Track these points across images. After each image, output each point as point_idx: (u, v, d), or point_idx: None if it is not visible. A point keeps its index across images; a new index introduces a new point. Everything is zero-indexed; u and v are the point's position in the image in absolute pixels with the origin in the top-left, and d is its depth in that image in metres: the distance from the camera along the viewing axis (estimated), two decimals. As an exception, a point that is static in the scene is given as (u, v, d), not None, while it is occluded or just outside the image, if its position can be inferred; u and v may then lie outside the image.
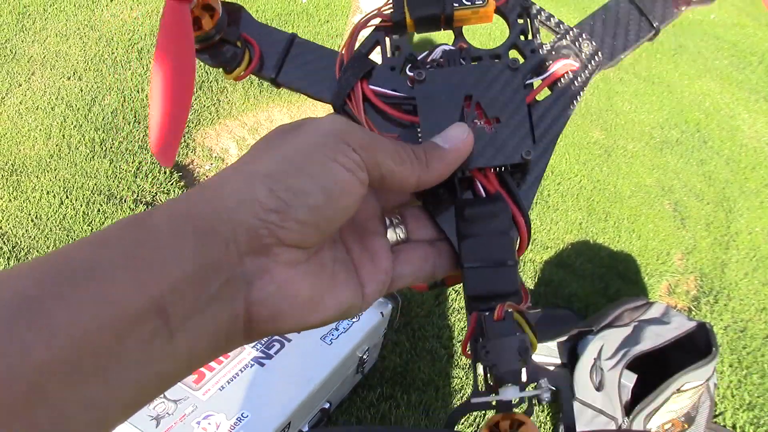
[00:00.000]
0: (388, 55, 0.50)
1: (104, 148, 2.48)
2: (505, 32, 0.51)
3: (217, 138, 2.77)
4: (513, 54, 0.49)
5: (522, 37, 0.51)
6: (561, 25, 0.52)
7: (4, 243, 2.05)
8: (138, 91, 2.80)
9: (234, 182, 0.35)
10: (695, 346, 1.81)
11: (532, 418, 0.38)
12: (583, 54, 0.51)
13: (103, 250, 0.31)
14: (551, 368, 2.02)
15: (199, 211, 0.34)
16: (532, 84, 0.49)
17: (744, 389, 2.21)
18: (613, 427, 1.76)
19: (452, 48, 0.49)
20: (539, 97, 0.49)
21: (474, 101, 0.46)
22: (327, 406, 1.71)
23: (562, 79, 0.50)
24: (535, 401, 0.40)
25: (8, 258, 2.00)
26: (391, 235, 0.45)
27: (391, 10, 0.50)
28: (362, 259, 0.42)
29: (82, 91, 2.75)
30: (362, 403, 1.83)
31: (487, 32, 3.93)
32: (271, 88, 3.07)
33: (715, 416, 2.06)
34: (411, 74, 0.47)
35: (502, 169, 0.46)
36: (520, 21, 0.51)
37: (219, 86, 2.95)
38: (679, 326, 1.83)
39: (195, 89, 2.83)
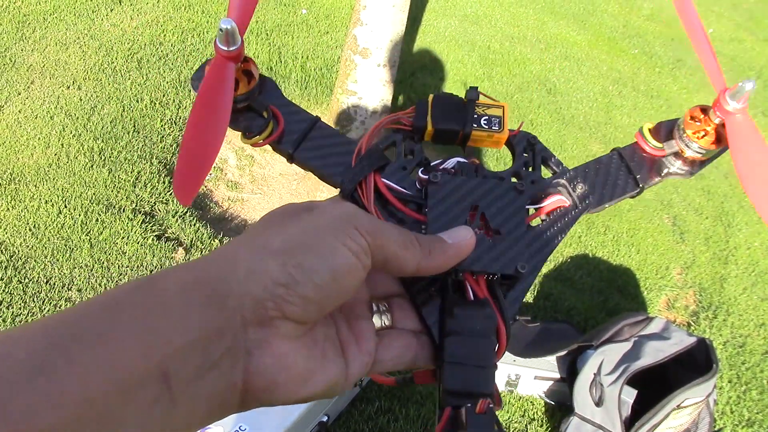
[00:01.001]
0: (402, 157, 0.54)
1: (103, 158, 2.48)
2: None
3: (217, 148, 2.76)
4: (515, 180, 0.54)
5: (525, 168, 0.56)
6: (560, 166, 0.57)
7: (2, 252, 2.04)
8: (137, 101, 2.79)
9: (245, 254, 0.37)
10: (695, 362, 1.80)
11: None
12: (575, 194, 0.56)
13: (113, 313, 0.32)
14: (550, 382, 2.01)
15: (209, 278, 0.35)
16: (528, 210, 0.53)
17: (743, 405, 2.20)
18: (613, 442, 1.76)
19: (467, 161, 0.54)
20: (533, 223, 0.53)
21: (480, 211, 0.50)
22: (325, 419, 1.69)
23: (554, 212, 0.54)
24: None
25: (5, 267, 1.99)
26: (377, 321, 0.47)
27: (414, 116, 0.55)
28: (348, 339, 0.44)
29: (81, 100, 2.74)
30: (360, 417, 1.82)
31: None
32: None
33: (715, 432, 2.05)
34: (424, 177, 0.51)
35: (492, 277, 0.48)
36: (525, 155, 0.56)
37: (219, 96, 2.94)
38: (679, 342, 1.82)
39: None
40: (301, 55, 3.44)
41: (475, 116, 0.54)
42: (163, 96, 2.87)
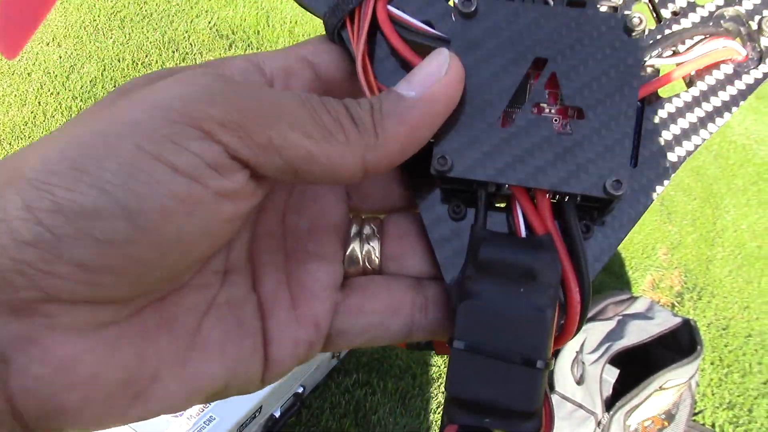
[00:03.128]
0: None
1: (81, 117, 2.41)
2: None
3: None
4: (642, 9, 0.31)
5: None
6: None
7: (-28, 211, 1.98)
8: (119, 60, 2.72)
9: None
10: (678, 343, 1.78)
11: None
12: (763, 38, 0.30)
13: None
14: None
15: None
16: (656, 67, 0.31)
17: (724, 388, 2.19)
18: (592, 422, 1.73)
19: None
20: (663, 92, 0.31)
21: (547, 71, 0.28)
22: (300, 390, 1.66)
23: (712, 71, 0.31)
24: None
25: (-25, 226, 1.93)
26: (356, 254, 0.29)
27: None
28: (278, 300, 0.28)
29: (60, 57, 2.67)
30: (337, 389, 1.78)
31: None
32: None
33: (695, 414, 2.04)
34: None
35: (566, 198, 0.29)
36: None
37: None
38: (663, 322, 1.79)
39: (202, 59, 2.76)
40: (289, 20, 3.36)
41: None
42: (146, 56, 2.79)
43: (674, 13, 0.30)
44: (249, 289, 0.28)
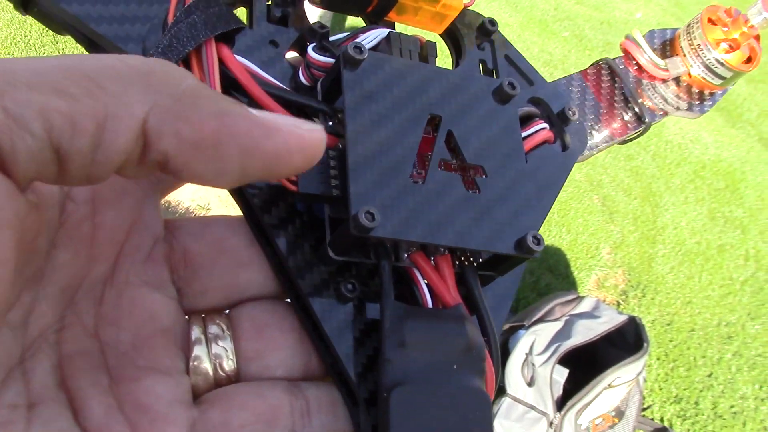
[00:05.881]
0: (266, 21, 0.29)
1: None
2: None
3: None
4: None
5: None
6: (535, 74, 0.36)
7: None
8: (52, 77, 2.66)
9: None
10: (625, 341, 1.80)
11: None
12: (567, 128, 0.34)
13: None
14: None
15: None
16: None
17: (671, 382, 2.23)
18: (544, 422, 1.74)
19: (409, 36, 0.30)
20: None
21: (444, 128, 0.27)
22: None
23: (537, 152, 0.32)
24: None
25: None
26: (201, 361, 0.23)
27: None
28: (108, 424, 0.21)
29: (-10, 75, 2.59)
30: None
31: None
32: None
33: (644, 409, 2.07)
34: (321, 58, 0.28)
35: (466, 259, 0.28)
36: (480, 50, 0.35)
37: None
38: (609, 320, 1.82)
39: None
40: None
41: None
42: (81, 72, 2.73)
43: (512, 86, 0.32)
44: (70, 422, 0.21)
